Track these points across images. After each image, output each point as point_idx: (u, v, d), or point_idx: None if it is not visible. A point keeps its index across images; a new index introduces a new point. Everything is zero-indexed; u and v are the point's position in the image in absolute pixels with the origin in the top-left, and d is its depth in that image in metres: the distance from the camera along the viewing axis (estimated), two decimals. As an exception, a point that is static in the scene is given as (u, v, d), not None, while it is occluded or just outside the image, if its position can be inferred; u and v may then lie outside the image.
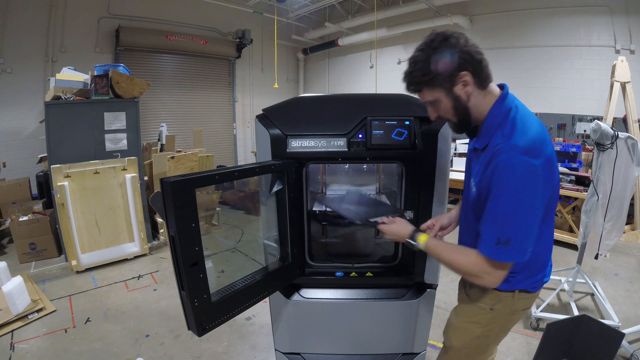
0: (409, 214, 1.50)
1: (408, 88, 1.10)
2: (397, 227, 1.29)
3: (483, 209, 1.02)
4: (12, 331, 2.56)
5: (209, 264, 1.16)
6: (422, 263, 1.55)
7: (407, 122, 1.38)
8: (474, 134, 1.15)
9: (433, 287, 1.61)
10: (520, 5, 6.10)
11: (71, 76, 3.98)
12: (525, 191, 0.94)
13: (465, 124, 1.11)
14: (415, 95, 1.13)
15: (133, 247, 3.88)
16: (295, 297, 1.60)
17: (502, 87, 1.10)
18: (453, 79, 1.02)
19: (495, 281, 1.03)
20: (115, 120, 3.86)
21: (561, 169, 4.84)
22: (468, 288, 1.32)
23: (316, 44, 9.24)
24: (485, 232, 1.00)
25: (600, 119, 4.01)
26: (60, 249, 3.86)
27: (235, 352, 2.40)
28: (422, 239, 1.19)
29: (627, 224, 4.14)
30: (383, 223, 1.32)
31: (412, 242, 1.22)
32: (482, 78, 1.04)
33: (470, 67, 1.01)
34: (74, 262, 3.50)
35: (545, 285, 1.26)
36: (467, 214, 1.20)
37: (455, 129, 1.14)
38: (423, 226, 1.38)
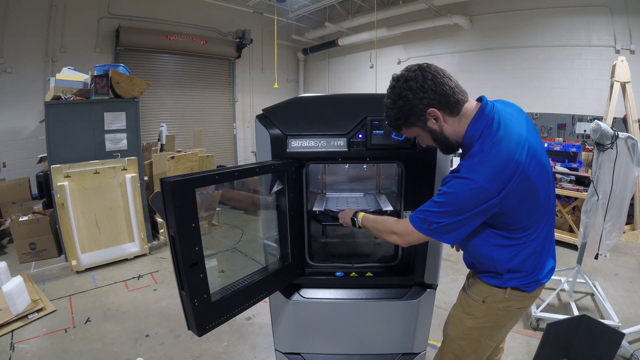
0: (409, 214, 1.50)
1: (391, 129, 1.23)
2: (344, 213, 1.51)
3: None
4: (12, 331, 2.56)
5: (213, 263, 1.16)
6: (422, 263, 1.55)
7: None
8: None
9: (433, 287, 1.61)
10: (520, 5, 6.09)
11: (71, 76, 3.98)
12: (460, 202, 1.05)
13: (450, 149, 1.21)
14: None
15: (133, 247, 3.88)
16: (295, 297, 1.60)
17: (480, 99, 1.16)
18: (423, 117, 1.11)
19: (410, 241, 1.20)
20: (115, 120, 3.86)
21: (561, 169, 4.84)
22: (471, 280, 1.36)
23: (316, 44, 9.23)
24: (422, 208, 1.14)
25: (600, 119, 4.02)
26: (60, 249, 3.86)
27: (235, 352, 2.40)
28: (360, 215, 1.42)
29: (627, 224, 4.14)
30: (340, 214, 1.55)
31: (355, 219, 1.43)
32: (450, 107, 1.10)
33: (435, 103, 1.08)
34: (74, 262, 3.50)
35: (545, 285, 1.27)
36: None
37: (444, 152, 1.26)
38: None
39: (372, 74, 8.13)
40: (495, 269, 1.21)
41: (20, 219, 3.77)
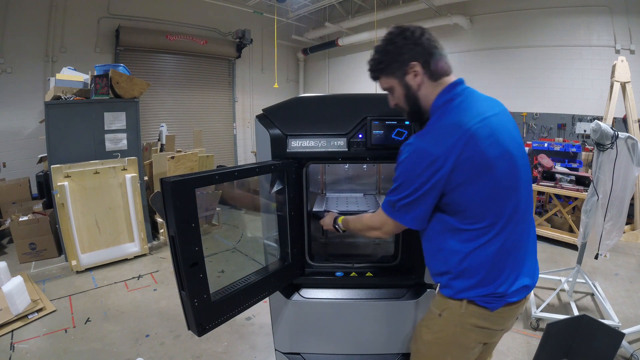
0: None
1: (370, 76, 1.22)
2: (325, 221, 1.56)
3: None
4: (12, 331, 2.56)
5: (213, 263, 1.16)
6: (422, 263, 1.55)
7: (407, 122, 1.38)
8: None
9: (433, 287, 1.61)
10: (520, 5, 6.10)
11: (71, 76, 3.99)
12: (409, 171, 1.06)
13: (416, 113, 1.18)
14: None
15: (133, 247, 3.88)
16: (295, 297, 1.60)
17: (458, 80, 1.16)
18: (404, 68, 1.11)
19: (389, 230, 1.19)
20: (115, 120, 3.86)
21: (561, 169, 4.83)
22: (436, 292, 1.29)
23: (316, 44, 9.23)
24: (387, 194, 1.15)
25: (600, 119, 4.02)
26: (60, 249, 3.86)
27: (235, 352, 2.40)
28: (340, 220, 1.46)
29: (627, 224, 4.14)
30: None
31: (337, 226, 1.47)
32: (432, 70, 1.11)
33: (420, 58, 1.09)
34: (74, 262, 3.50)
35: (545, 285, 1.25)
36: None
37: (408, 117, 1.25)
38: None
39: (372, 74, 8.12)
40: (447, 268, 1.12)
41: (20, 219, 3.77)
